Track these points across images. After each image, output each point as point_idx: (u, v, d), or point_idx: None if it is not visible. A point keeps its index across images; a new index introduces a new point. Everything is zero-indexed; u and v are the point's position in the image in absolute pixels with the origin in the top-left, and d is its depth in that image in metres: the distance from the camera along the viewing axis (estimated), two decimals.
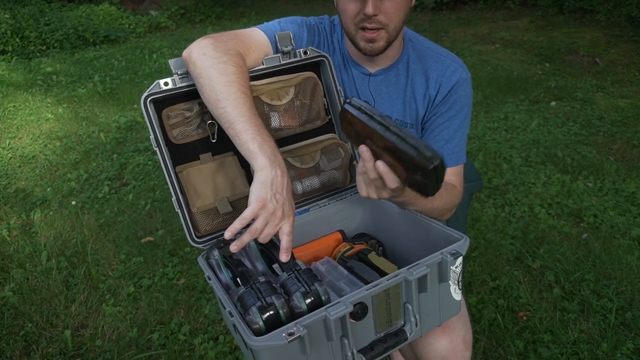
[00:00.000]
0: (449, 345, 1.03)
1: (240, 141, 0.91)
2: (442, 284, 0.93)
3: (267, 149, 0.90)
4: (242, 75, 0.97)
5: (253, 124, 0.91)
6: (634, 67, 4.69)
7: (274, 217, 0.89)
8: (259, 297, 0.82)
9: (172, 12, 8.80)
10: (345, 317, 0.79)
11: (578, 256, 2.15)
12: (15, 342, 1.87)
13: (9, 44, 6.37)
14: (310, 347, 0.77)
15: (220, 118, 0.93)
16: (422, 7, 8.11)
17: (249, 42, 1.07)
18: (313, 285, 0.84)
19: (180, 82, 1.01)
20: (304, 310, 0.82)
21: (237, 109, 0.92)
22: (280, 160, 0.91)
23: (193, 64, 0.96)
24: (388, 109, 1.22)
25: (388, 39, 1.09)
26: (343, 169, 1.20)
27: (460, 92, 1.18)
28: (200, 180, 1.06)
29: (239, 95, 0.93)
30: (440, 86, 1.18)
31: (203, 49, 0.97)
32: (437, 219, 1.07)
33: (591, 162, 2.99)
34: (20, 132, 4.00)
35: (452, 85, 1.17)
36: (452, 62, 1.19)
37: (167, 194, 2.93)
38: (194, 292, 2.10)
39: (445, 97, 1.18)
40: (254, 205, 0.87)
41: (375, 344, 0.87)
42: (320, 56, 1.14)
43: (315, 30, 1.20)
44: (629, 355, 1.66)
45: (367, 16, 1.04)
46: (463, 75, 1.18)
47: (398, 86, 1.21)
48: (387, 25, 1.06)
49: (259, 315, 0.80)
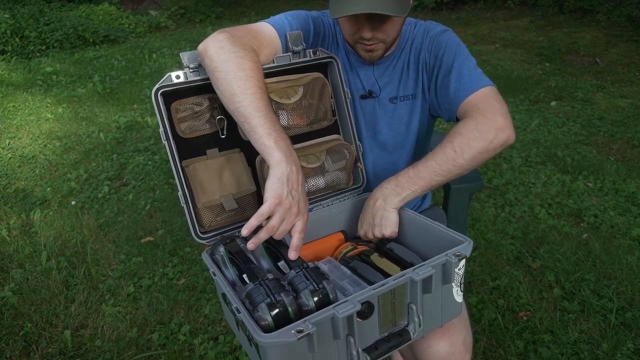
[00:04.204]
0: (449, 348, 1.03)
1: (256, 136, 0.90)
2: (446, 286, 0.93)
3: (282, 145, 0.89)
4: (259, 71, 0.97)
5: (269, 119, 0.91)
6: (634, 67, 4.69)
7: (290, 213, 0.88)
8: (268, 294, 0.82)
9: (172, 12, 8.80)
10: (352, 316, 0.79)
11: (578, 256, 2.15)
12: (15, 342, 1.87)
13: (9, 44, 6.37)
14: (318, 344, 0.77)
15: (236, 112, 0.93)
16: (422, 7, 8.12)
17: (261, 39, 1.07)
18: (321, 283, 0.84)
19: (192, 75, 1.01)
20: (311, 308, 0.82)
21: (254, 104, 0.91)
22: (295, 157, 0.91)
23: (209, 58, 0.96)
24: (393, 90, 1.22)
25: (386, 47, 1.12)
26: (347, 170, 1.20)
27: (443, 38, 1.16)
28: (206, 175, 1.06)
29: (255, 90, 0.93)
30: (424, 44, 1.18)
31: (220, 43, 0.97)
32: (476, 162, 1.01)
33: (591, 162, 2.98)
34: (20, 132, 4.00)
35: (433, 38, 1.17)
36: (432, 24, 1.21)
37: (167, 194, 2.93)
38: (194, 292, 2.10)
39: (432, 49, 1.17)
40: (270, 202, 0.86)
41: (380, 344, 0.87)
42: (329, 57, 1.15)
43: (319, 22, 1.21)
44: (629, 355, 1.66)
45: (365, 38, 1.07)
46: (442, 28, 1.19)
47: (397, 67, 1.22)
48: (384, 39, 1.09)
49: (268, 312, 0.79)
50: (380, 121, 1.24)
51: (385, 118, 1.24)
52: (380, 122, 1.24)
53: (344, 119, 1.19)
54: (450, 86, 1.12)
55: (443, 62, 1.15)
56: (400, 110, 1.24)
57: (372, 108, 1.23)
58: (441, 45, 1.16)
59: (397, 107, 1.23)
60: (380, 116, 1.24)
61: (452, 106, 1.12)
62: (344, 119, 1.19)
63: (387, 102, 1.23)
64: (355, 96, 1.23)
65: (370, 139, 1.26)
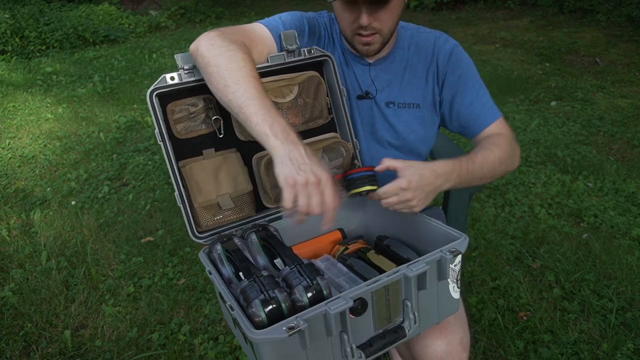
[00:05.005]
0: (446, 347, 1.03)
1: (251, 125, 0.89)
2: (441, 282, 0.93)
3: (277, 129, 0.87)
4: (250, 62, 0.96)
5: (263, 105, 0.90)
6: (634, 67, 4.69)
7: (311, 186, 0.84)
8: (262, 291, 0.82)
9: (172, 12, 8.80)
10: (345, 313, 0.79)
11: (578, 256, 2.15)
12: (15, 342, 1.87)
13: (9, 44, 6.37)
14: (310, 341, 0.77)
15: (231, 104, 0.92)
16: (422, 7, 8.11)
17: (253, 37, 1.07)
18: (315, 279, 0.85)
19: (186, 77, 1.02)
20: (305, 304, 0.82)
21: (247, 92, 0.90)
22: (292, 136, 0.88)
23: (201, 56, 0.96)
24: (390, 94, 1.22)
25: (383, 41, 1.12)
26: (344, 168, 1.20)
27: (459, 56, 1.21)
28: (203, 175, 1.07)
29: (248, 79, 0.92)
30: (438, 57, 1.20)
31: (211, 40, 0.97)
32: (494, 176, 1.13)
33: (591, 162, 2.98)
34: (20, 132, 4.00)
35: (449, 52, 1.20)
36: (441, 34, 1.23)
37: (167, 194, 2.93)
38: (194, 292, 2.10)
39: (448, 64, 1.20)
40: (286, 191, 0.84)
41: (374, 340, 0.87)
42: (324, 56, 1.15)
43: (315, 23, 1.21)
44: (629, 355, 1.66)
45: (362, 26, 1.07)
46: (455, 43, 1.22)
47: (397, 71, 1.22)
48: (381, 30, 1.09)
49: (262, 308, 0.80)
50: (377, 123, 1.24)
51: (383, 121, 1.24)
52: (378, 124, 1.24)
53: (341, 117, 1.20)
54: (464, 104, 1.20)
55: (458, 81, 1.20)
56: (401, 117, 1.23)
57: (369, 109, 1.23)
58: (459, 64, 1.20)
59: (395, 112, 1.23)
60: (378, 118, 1.24)
61: (476, 127, 1.21)
62: (341, 117, 1.20)
63: (384, 105, 1.22)
64: (352, 96, 1.23)
65: (367, 137, 1.26)
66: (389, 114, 1.23)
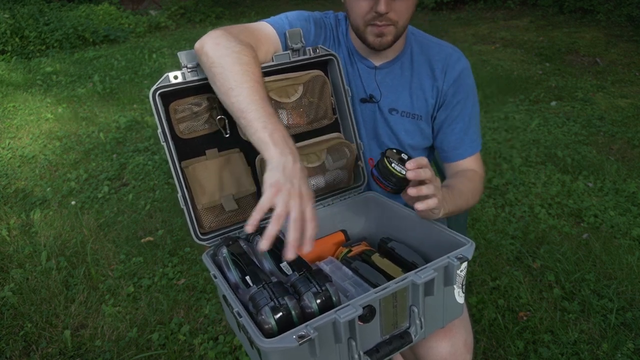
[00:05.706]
0: (450, 349, 1.03)
1: (252, 130, 0.88)
2: (447, 288, 0.93)
3: (277, 137, 0.86)
4: (256, 65, 0.96)
5: (265, 112, 0.89)
6: (634, 67, 4.69)
7: (294, 196, 0.81)
8: (271, 298, 0.82)
9: (172, 12, 8.80)
10: (354, 320, 0.79)
11: (578, 256, 2.15)
12: (15, 342, 1.87)
13: (9, 44, 6.37)
14: (320, 349, 0.77)
15: (233, 107, 0.91)
16: (422, 7, 8.11)
17: (258, 36, 1.07)
18: (324, 285, 0.84)
19: (190, 76, 1.00)
20: (314, 311, 0.81)
21: (250, 97, 0.90)
22: (292, 148, 0.87)
23: (206, 55, 0.95)
24: (394, 101, 1.22)
25: (396, 34, 1.11)
26: (348, 169, 1.19)
27: (466, 81, 1.21)
28: (206, 176, 1.05)
29: (252, 84, 0.91)
30: (446, 75, 1.20)
31: (216, 40, 0.96)
32: (464, 209, 1.14)
33: (591, 162, 2.98)
34: (20, 132, 4.00)
35: (457, 74, 1.20)
36: (454, 51, 1.22)
37: (167, 193, 2.93)
38: (194, 292, 2.10)
39: (452, 86, 1.20)
40: (268, 191, 0.81)
41: (381, 346, 0.87)
42: (330, 55, 1.14)
43: (321, 23, 1.20)
44: (629, 355, 1.66)
45: (379, 14, 1.05)
46: (466, 64, 1.22)
47: (403, 78, 1.21)
48: (396, 22, 1.08)
49: (272, 316, 0.79)
50: (380, 128, 1.23)
51: (385, 126, 1.23)
52: (380, 129, 1.24)
53: (345, 117, 1.19)
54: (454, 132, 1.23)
55: (458, 105, 1.21)
56: (403, 125, 1.23)
57: (372, 113, 1.23)
58: (462, 89, 1.21)
59: (398, 120, 1.22)
60: (380, 123, 1.23)
61: (454, 156, 1.25)
62: (345, 117, 1.19)
63: (387, 111, 1.22)
64: (355, 99, 1.22)
65: (370, 139, 1.26)
66: (391, 120, 1.22)
